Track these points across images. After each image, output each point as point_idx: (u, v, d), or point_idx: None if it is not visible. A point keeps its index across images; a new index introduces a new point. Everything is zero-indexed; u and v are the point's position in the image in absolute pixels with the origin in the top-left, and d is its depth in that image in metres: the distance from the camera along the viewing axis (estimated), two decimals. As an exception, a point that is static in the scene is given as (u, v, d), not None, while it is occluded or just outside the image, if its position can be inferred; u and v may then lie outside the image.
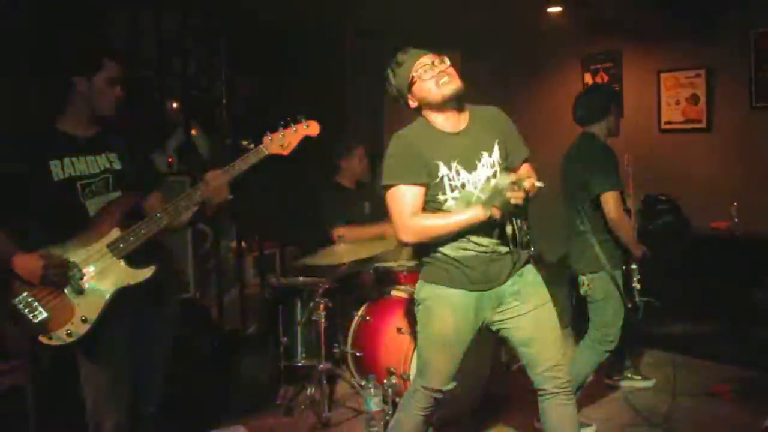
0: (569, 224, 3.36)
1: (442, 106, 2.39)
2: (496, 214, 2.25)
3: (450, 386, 2.53)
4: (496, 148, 2.43)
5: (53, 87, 2.49)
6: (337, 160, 4.27)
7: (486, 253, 2.40)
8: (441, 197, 2.38)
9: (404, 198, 2.36)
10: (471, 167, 2.38)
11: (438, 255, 2.42)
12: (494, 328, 2.52)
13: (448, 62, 2.39)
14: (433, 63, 2.38)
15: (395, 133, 2.46)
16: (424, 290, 2.49)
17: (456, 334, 2.45)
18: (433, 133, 2.42)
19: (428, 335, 2.50)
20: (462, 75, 2.41)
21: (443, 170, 2.36)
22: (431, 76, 2.36)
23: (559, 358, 2.47)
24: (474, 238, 2.38)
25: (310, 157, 2.55)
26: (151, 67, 4.29)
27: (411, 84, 2.40)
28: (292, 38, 4.77)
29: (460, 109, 2.45)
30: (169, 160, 4.61)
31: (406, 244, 2.47)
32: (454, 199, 2.38)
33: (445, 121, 2.42)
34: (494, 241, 2.40)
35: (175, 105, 5.04)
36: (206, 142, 5.13)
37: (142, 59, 4.28)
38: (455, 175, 2.37)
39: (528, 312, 2.45)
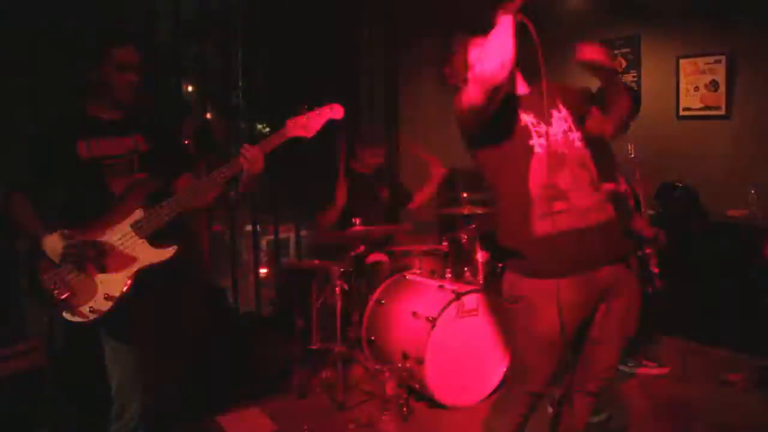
0: None
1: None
2: None
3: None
4: (560, 106, 2.33)
5: (74, 73, 2.51)
6: (355, 148, 4.24)
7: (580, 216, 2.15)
8: (530, 143, 2.19)
9: None
10: (547, 122, 2.23)
11: (529, 240, 2.14)
12: None
13: None
14: None
15: None
16: (523, 285, 2.18)
17: (563, 332, 2.11)
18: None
19: (531, 336, 2.19)
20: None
21: (525, 118, 2.23)
22: None
23: (616, 361, 2.35)
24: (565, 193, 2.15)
25: (324, 140, 2.54)
26: (168, 50, 4.29)
27: None
28: (308, 21, 4.75)
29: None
30: (185, 142, 4.62)
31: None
32: (541, 146, 2.18)
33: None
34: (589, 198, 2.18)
35: (190, 88, 5.05)
36: (221, 126, 5.13)
37: (158, 42, 4.28)
38: (536, 122, 2.22)
39: (617, 310, 2.23)
